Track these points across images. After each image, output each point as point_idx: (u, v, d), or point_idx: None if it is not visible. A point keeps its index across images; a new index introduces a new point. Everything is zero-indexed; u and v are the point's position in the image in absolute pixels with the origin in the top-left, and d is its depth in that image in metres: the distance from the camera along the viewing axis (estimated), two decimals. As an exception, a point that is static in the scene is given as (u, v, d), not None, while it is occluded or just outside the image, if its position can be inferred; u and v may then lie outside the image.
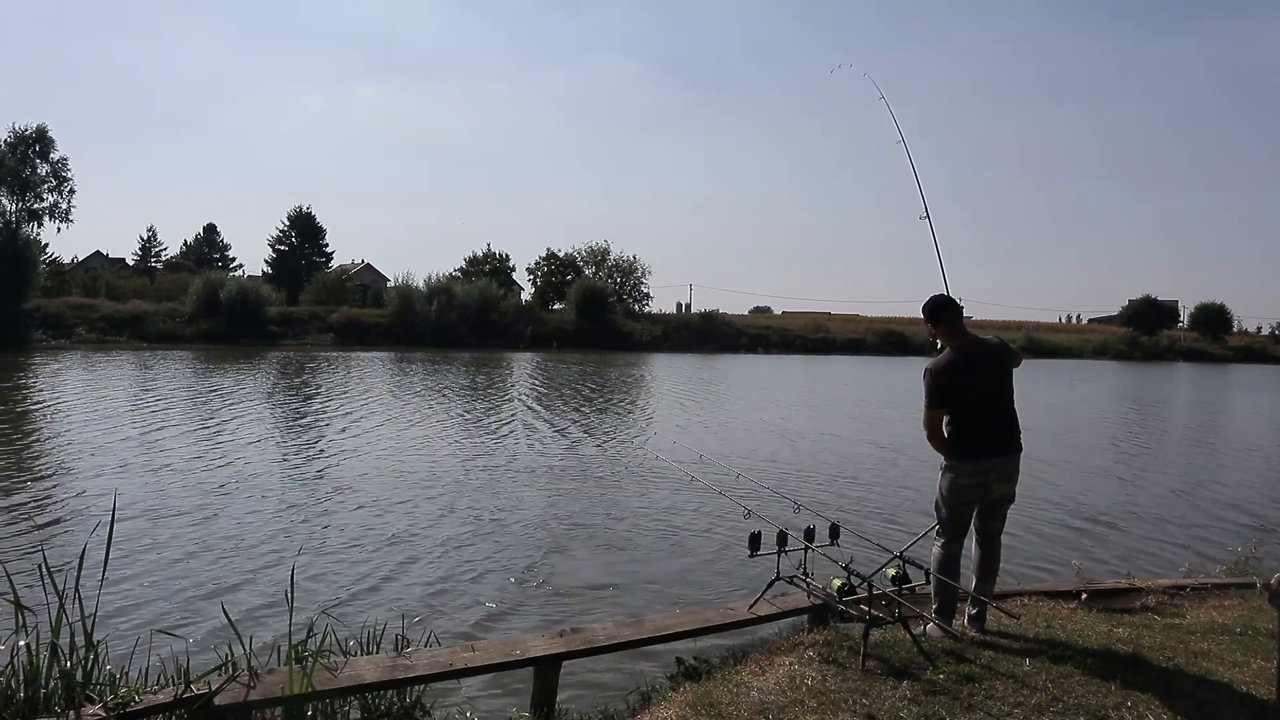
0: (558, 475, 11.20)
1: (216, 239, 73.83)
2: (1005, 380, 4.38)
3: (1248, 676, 3.84)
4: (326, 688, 3.58)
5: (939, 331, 4.41)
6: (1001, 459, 4.32)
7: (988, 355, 4.36)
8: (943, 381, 4.27)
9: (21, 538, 7.46)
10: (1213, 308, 71.52)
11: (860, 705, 3.44)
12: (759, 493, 6.35)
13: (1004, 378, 4.38)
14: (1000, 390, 4.36)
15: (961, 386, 4.27)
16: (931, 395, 4.31)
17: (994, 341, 4.45)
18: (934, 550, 4.38)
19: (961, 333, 4.38)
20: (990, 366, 4.34)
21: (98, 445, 12.23)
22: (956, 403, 4.29)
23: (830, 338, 58.64)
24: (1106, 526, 9.31)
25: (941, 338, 4.41)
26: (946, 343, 4.38)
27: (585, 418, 17.73)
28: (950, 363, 4.29)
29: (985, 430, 4.30)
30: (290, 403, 19.09)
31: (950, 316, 4.39)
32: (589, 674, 4.76)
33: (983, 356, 4.35)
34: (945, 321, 4.39)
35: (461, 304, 49.16)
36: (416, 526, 8.32)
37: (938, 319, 4.39)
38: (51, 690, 3.37)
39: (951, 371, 4.27)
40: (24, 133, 38.04)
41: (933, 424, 4.37)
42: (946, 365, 4.29)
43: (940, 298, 4.41)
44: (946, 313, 4.38)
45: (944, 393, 4.28)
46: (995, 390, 4.34)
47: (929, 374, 4.31)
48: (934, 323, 4.41)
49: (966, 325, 4.47)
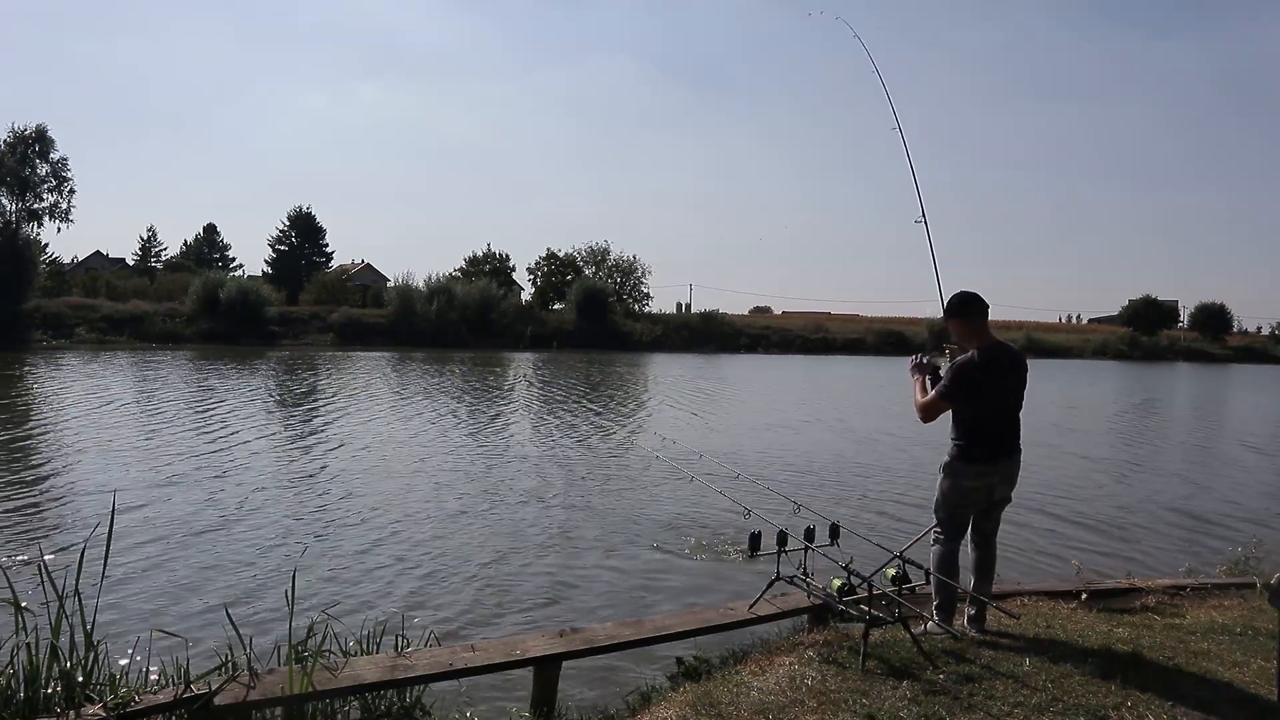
0: (557, 475, 11.19)
1: (216, 239, 73.79)
2: (1022, 387, 4.35)
3: (1248, 676, 3.84)
4: (326, 688, 3.58)
5: (964, 329, 4.28)
6: (1006, 461, 4.31)
7: (1014, 360, 4.30)
8: (970, 380, 4.17)
9: (21, 538, 7.46)
10: (1213, 308, 71.54)
11: (860, 705, 3.43)
12: (759, 492, 6.35)
13: (1022, 384, 4.34)
14: (1017, 396, 4.33)
15: (986, 388, 4.21)
16: (953, 391, 4.20)
17: (1015, 347, 4.40)
18: (933, 550, 4.38)
19: (987, 333, 4.28)
20: (1014, 372, 4.29)
21: (97, 445, 12.23)
22: (975, 403, 4.22)
23: (830, 338, 58.66)
24: (1107, 526, 9.31)
25: (964, 336, 4.30)
26: (969, 341, 4.27)
27: (585, 418, 17.72)
28: (980, 364, 4.18)
29: (994, 434, 4.28)
30: (290, 403, 19.10)
31: (977, 313, 4.28)
32: (589, 674, 4.76)
33: (1010, 360, 4.28)
34: (971, 318, 4.27)
35: (461, 304, 49.18)
36: (416, 526, 8.32)
37: (966, 315, 4.28)
38: (51, 690, 3.36)
39: (981, 371, 4.18)
40: (24, 133, 38.10)
41: (935, 413, 4.33)
42: (977, 365, 4.16)
43: (968, 294, 4.30)
44: (973, 309, 4.28)
45: (967, 391, 4.19)
46: (1013, 396, 4.31)
47: (956, 369, 4.19)
48: (961, 318, 4.29)
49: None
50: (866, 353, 54.78)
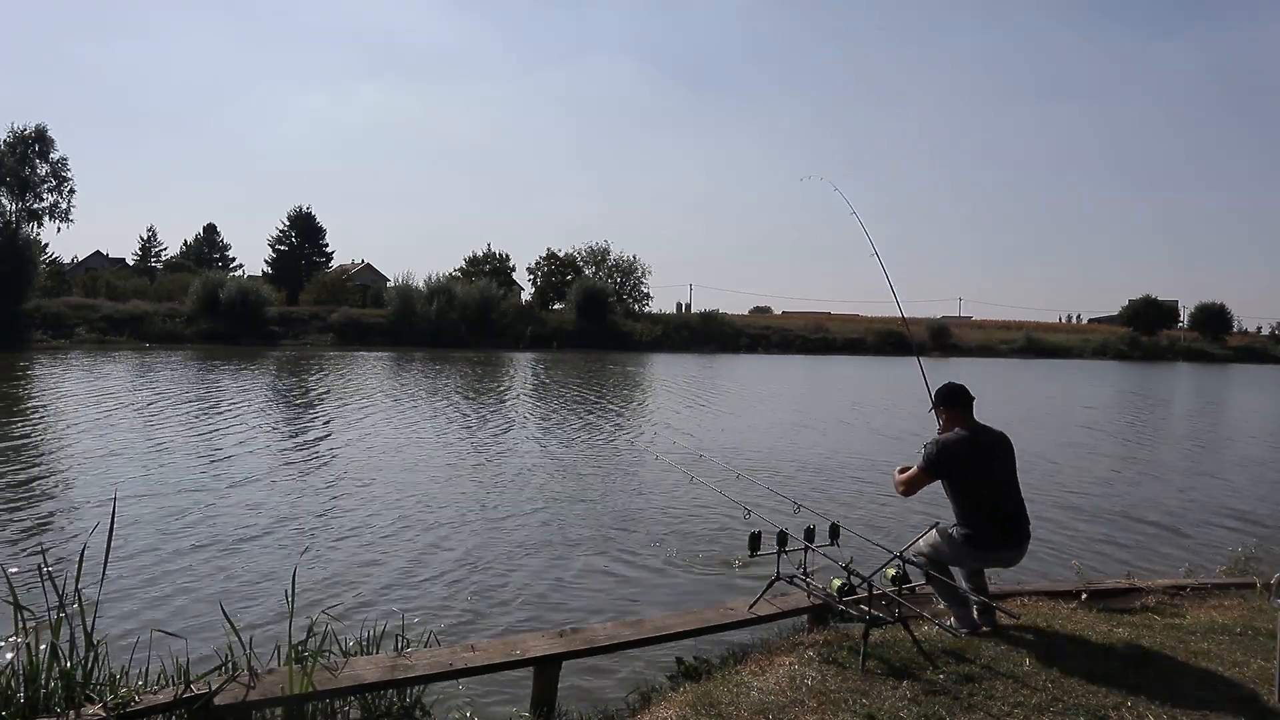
0: (557, 475, 11.19)
1: (216, 239, 73.78)
2: (1014, 468, 4.41)
3: (1248, 676, 3.84)
4: (326, 688, 3.58)
5: (950, 416, 4.44)
6: (1010, 551, 4.34)
7: (997, 436, 4.42)
8: (950, 454, 4.29)
9: (21, 538, 7.46)
10: (1213, 308, 71.56)
11: (860, 705, 3.43)
12: (759, 492, 6.35)
13: (1012, 465, 4.41)
14: (1011, 477, 4.39)
15: (970, 464, 4.29)
16: (934, 465, 4.31)
17: (998, 431, 4.48)
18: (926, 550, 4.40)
19: (969, 419, 4.42)
20: (999, 447, 4.38)
21: (97, 445, 12.23)
22: (962, 480, 4.29)
23: (830, 338, 58.66)
24: (1107, 526, 9.30)
25: (950, 422, 4.44)
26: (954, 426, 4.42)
27: (585, 418, 17.72)
28: (961, 439, 4.32)
29: (998, 518, 4.29)
30: (290, 403, 19.10)
31: (961, 402, 4.42)
32: (589, 674, 4.76)
33: (993, 437, 4.40)
34: (955, 406, 4.42)
35: (461, 304, 49.18)
36: (417, 526, 8.32)
37: (951, 404, 4.43)
38: (51, 690, 3.36)
39: (962, 446, 4.30)
40: (24, 133, 38.08)
41: (916, 487, 4.42)
42: (957, 439, 4.32)
43: (955, 385, 4.47)
44: (958, 398, 4.43)
45: (950, 465, 4.29)
46: (1005, 476, 4.36)
47: (937, 445, 4.34)
48: (947, 406, 4.45)
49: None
50: (866, 353, 54.77)
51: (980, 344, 61.91)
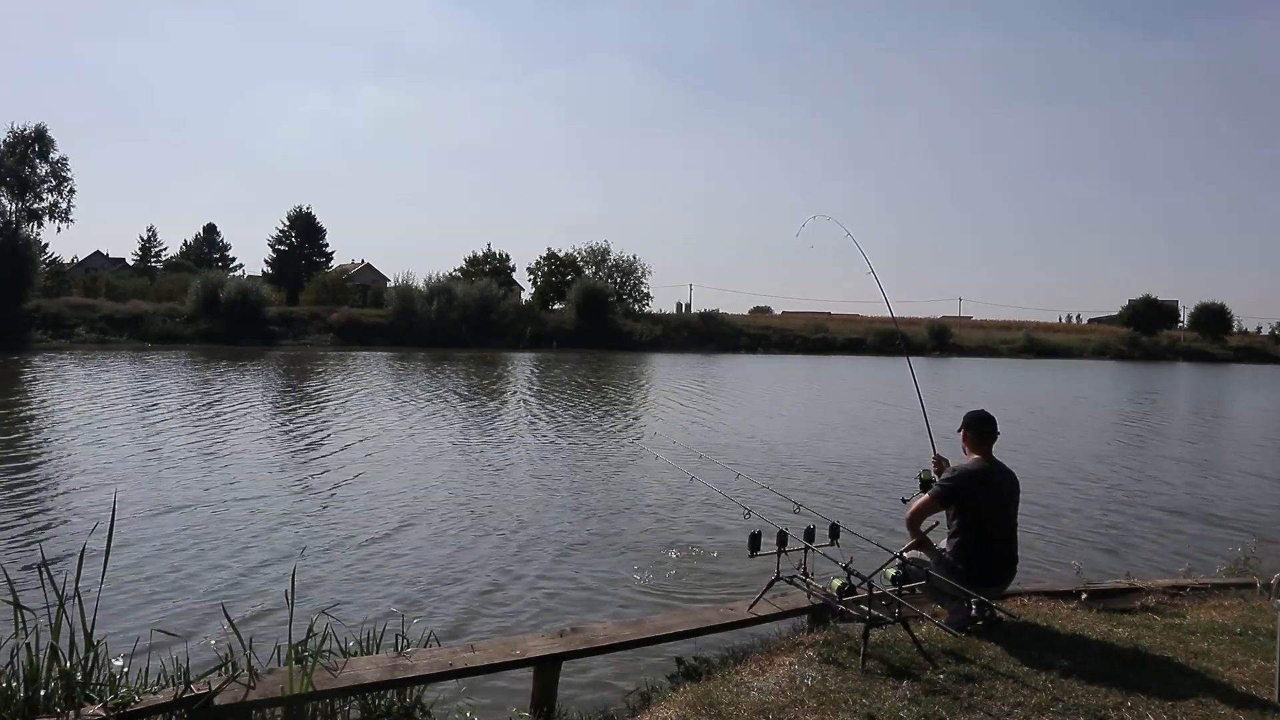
0: (557, 475, 11.19)
1: (216, 239, 73.73)
2: (1016, 502, 4.50)
3: (1248, 676, 3.83)
4: (326, 688, 3.58)
5: (975, 441, 4.52)
6: (994, 589, 4.40)
7: (1010, 478, 4.49)
8: (968, 484, 4.37)
9: (22, 538, 7.46)
10: (1213, 308, 71.50)
11: (860, 705, 3.43)
12: (759, 492, 6.35)
13: (1016, 498, 4.50)
14: (1014, 518, 4.47)
15: (983, 495, 4.37)
16: (952, 493, 4.38)
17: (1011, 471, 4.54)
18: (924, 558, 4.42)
19: (989, 451, 4.49)
20: (1009, 485, 4.46)
21: (97, 445, 12.23)
22: (972, 511, 4.36)
23: (830, 338, 58.64)
24: (1107, 526, 9.31)
25: (972, 448, 4.52)
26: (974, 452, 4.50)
27: (585, 418, 17.72)
28: (980, 469, 4.41)
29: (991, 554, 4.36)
30: (290, 403, 19.09)
31: (988, 433, 4.50)
32: (589, 674, 4.76)
33: (1005, 478, 4.47)
34: (981, 435, 4.49)
35: (461, 304, 49.16)
36: (416, 527, 8.32)
37: (977, 431, 4.51)
38: (51, 690, 3.36)
39: (980, 478, 4.38)
40: (24, 133, 38.08)
41: (925, 514, 4.50)
42: (976, 469, 4.42)
43: (986, 414, 4.55)
44: (987, 427, 4.50)
45: (965, 495, 4.36)
46: (1010, 512, 4.44)
47: (957, 474, 4.42)
48: (975, 431, 4.51)
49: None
50: (867, 353, 54.74)
51: (980, 344, 61.92)
